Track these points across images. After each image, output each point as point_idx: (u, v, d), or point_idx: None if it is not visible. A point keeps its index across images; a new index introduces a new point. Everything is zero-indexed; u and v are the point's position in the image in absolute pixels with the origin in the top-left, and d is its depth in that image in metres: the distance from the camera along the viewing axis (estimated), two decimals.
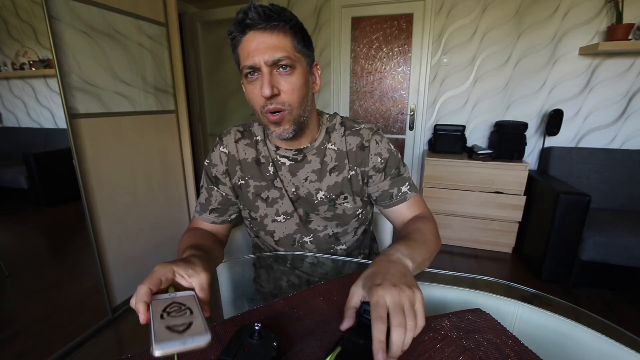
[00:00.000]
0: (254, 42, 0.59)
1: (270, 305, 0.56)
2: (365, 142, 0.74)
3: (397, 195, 0.74)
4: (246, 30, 0.59)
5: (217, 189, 0.77)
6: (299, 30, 0.62)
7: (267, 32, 0.58)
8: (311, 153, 0.74)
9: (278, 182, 0.75)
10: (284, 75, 0.61)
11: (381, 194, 0.76)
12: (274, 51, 0.58)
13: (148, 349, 0.33)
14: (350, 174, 0.75)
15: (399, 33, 2.57)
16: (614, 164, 2.08)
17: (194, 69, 2.96)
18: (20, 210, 1.36)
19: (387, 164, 0.74)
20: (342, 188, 0.75)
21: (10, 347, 1.25)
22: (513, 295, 0.59)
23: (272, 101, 0.61)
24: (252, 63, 0.59)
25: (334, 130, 0.76)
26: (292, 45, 0.60)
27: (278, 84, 0.60)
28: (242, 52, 0.61)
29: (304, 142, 0.73)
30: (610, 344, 0.48)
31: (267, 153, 0.75)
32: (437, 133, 2.42)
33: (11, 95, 1.26)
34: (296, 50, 0.61)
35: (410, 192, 0.75)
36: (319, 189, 0.75)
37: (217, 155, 0.76)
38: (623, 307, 1.72)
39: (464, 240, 2.36)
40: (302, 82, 0.63)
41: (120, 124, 1.61)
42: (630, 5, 1.97)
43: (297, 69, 0.61)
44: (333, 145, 0.75)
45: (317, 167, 0.74)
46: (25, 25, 1.24)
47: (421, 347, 0.45)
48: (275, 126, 0.64)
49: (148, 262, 1.83)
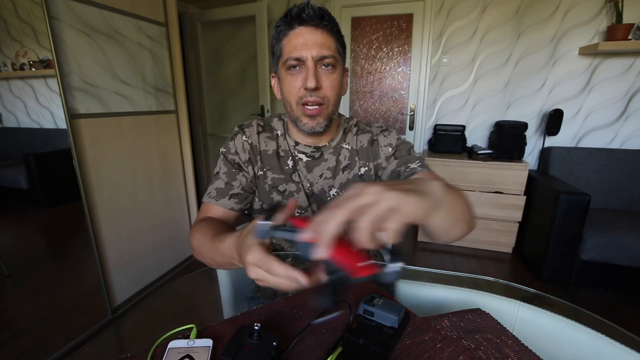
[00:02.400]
0: (304, 37, 0.62)
1: (270, 305, 0.56)
2: (374, 137, 0.78)
3: (405, 171, 0.71)
4: (295, 24, 0.63)
5: (242, 173, 0.76)
6: (341, 37, 0.68)
7: (319, 30, 0.63)
8: (328, 152, 0.77)
9: (296, 176, 0.77)
10: (326, 72, 0.65)
11: (390, 176, 0.74)
12: (322, 48, 0.62)
13: (148, 348, 0.32)
14: (362, 171, 0.77)
15: (399, 33, 2.57)
16: (614, 163, 2.08)
17: (194, 69, 2.96)
18: (20, 210, 1.36)
19: (397, 149, 0.76)
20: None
21: (10, 347, 1.24)
22: (513, 295, 0.59)
23: (313, 94, 0.64)
24: (299, 55, 0.62)
25: (349, 130, 0.80)
26: (336, 46, 0.65)
27: (321, 79, 0.64)
28: (288, 45, 0.64)
29: (323, 140, 0.76)
30: (610, 344, 0.48)
31: (287, 147, 0.77)
32: (437, 133, 2.42)
33: (11, 96, 1.26)
34: (338, 52, 0.66)
35: (421, 168, 0.70)
36: (332, 186, 0.77)
37: (240, 144, 0.76)
38: (623, 307, 1.72)
39: (464, 240, 2.36)
40: (339, 81, 0.67)
41: (120, 124, 1.61)
42: (630, 5, 1.97)
43: (337, 68, 0.66)
44: (347, 145, 0.78)
45: (333, 165, 0.77)
46: (25, 25, 1.24)
47: (421, 347, 0.45)
48: (309, 119, 0.67)
49: (148, 262, 1.83)
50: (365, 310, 0.50)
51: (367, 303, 0.50)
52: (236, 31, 2.71)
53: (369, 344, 0.45)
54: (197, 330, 0.48)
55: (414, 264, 2.10)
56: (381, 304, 0.50)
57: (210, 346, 0.44)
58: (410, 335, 0.48)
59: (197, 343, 0.45)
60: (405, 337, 0.47)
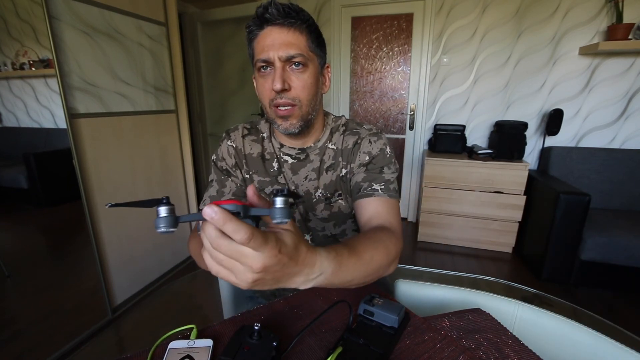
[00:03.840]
0: (270, 37, 0.60)
1: (270, 305, 0.56)
2: (359, 140, 0.74)
3: (366, 189, 0.68)
4: (264, 25, 0.61)
5: (231, 179, 0.77)
6: (314, 31, 0.64)
7: (285, 29, 0.60)
8: (314, 153, 0.75)
9: (282, 178, 0.76)
10: (296, 72, 0.62)
11: (353, 186, 0.72)
12: (289, 48, 0.60)
13: (148, 348, 0.33)
14: (343, 172, 0.75)
15: (399, 33, 2.57)
16: (614, 163, 2.08)
17: (194, 69, 2.96)
18: (20, 210, 1.36)
19: (372, 160, 0.72)
20: (336, 186, 0.75)
21: (10, 347, 1.24)
22: (513, 295, 0.59)
23: (283, 95, 0.62)
24: (266, 57, 0.60)
25: (337, 130, 0.77)
26: (306, 44, 0.62)
27: (289, 79, 0.62)
28: (258, 46, 0.62)
29: (308, 141, 0.74)
30: (610, 344, 0.48)
31: (272, 150, 0.77)
32: (437, 133, 2.42)
33: (11, 95, 1.26)
34: (310, 49, 0.63)
35: (383, 192, 0.67)
36: (317, 187, 0.76)
37: (226, 149, 0.77)
38: (623, 307, 1.72)
39: (464, 240, 2.36)
40: (312, 80, 0.64)
41: (120, 124, 1.61)
42: (630, 5, 1.97)
43: (309, 67, 0.63)
44: (333, 145, 0.76)
45: (317, 166, 0.75)
46: (25, 25, 1.24)
47: (421, 347, 0.45)
48: (282, 120, 0.65)
49: (148, 262, 1.83)
50: (365, 310, 0.50)
51: (367, 303, 0.50)
52: (236, 31, 2.71)
53: (369, 344, 0.45)
54: (197, 330, 0.48)
55: (414, 263, 2.10)
56: (381, 304, 0.50)
57: (211, 346, 0.44)
58: (410, 335, 0.48)
59: (197, 343, 0.45)
60: (405, 337, 0.47)
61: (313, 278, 0.40)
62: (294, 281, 0.38)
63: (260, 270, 0.32)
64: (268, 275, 0.34)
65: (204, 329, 0.49)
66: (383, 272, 0.52)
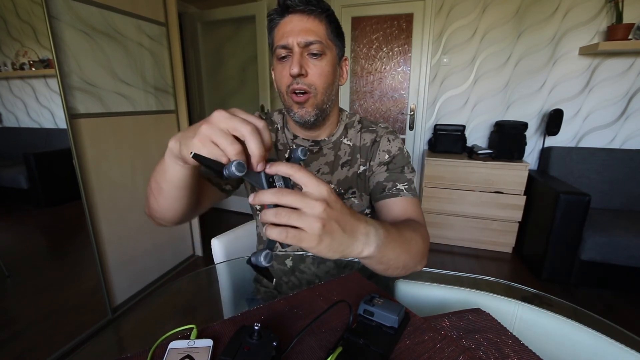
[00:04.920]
0: (291, 24, 0.62)
1: (270, 305, 0.56)
2: (378, 137, 0.75)
3: (391, 189, 0.69)
4: (285, 13, 0.63)
5: None
6: (333, 22, 0.66)
7: (305, 16, 0.62)
8: (327, 147, 0.76)
9: None
10: (313, 59, 0.63)
11: (375, 186, 0.72)
12: (308, 34, 0.61)
13: (148, 348, 0.32)
14: (361, 169, 0.75)
15: (399, 33, 2.57)
16: (614, 163, 2.08)
17: (194, 69, 2.96)
18: (20, 210, 1.36)
19: (392, 160, 0.73)
20: (352, 183, 0.75)
21: (10, 347, 1.24)
22: (513, 295, 0.59)
23: (299, 81, 0.63)
24: (285, 43, 0.62)
25: (352, 127, 0.78)
26: (325, 32, 0.64)
27: (307, 65, 0.63)
28: (278, 33, 0.64)
29: (322, 134, 0.75)
30: (610, 344, 0.48)
31: (285, 140, 0.77)
32: (437, 133, 2.42)
33: (11, 95, 1.26)
34: (328, 38, 0.64)
35: (407, 192, 0.68)
36: (330, 182, 0.75)
37: None
38: (623, 307, 1.72)
39: (464, 240, 2.36)
40: (329, 69, 0.65)
41: (120, 124, 1.61)
42: (630, 5, 1.97)
43: (327, 55, 0.64)
44: (348, 141, 0.76)
45: (331, 160, 0.75)
46: (25, 25, 1.24)
47: (421, 347, 0.45)
48: (298, 107, 0.66)
49: (148, 262, 1.83)
50: (365, 310, 0.50)
51: (367, 303, 0.50)
52: (236, 31, 2.72)
53: (369, 344, 0.45)
54: (197, 330, 0.48)
55: None
56: (381, 304, 0.50)
57: (211, 346, 0.44)
58: (410, 335, 0.48)
59: (197, 343, 0.45)
60: (405, 337, 0.47)
61: (372, 239, 0.41)
62: (357, 237, 0.39)
63: (324, 204, 0.34)
64: (332, 214, 0.35)
65: (204, 329, 0.49)
66: (420, 259, 0.53)
